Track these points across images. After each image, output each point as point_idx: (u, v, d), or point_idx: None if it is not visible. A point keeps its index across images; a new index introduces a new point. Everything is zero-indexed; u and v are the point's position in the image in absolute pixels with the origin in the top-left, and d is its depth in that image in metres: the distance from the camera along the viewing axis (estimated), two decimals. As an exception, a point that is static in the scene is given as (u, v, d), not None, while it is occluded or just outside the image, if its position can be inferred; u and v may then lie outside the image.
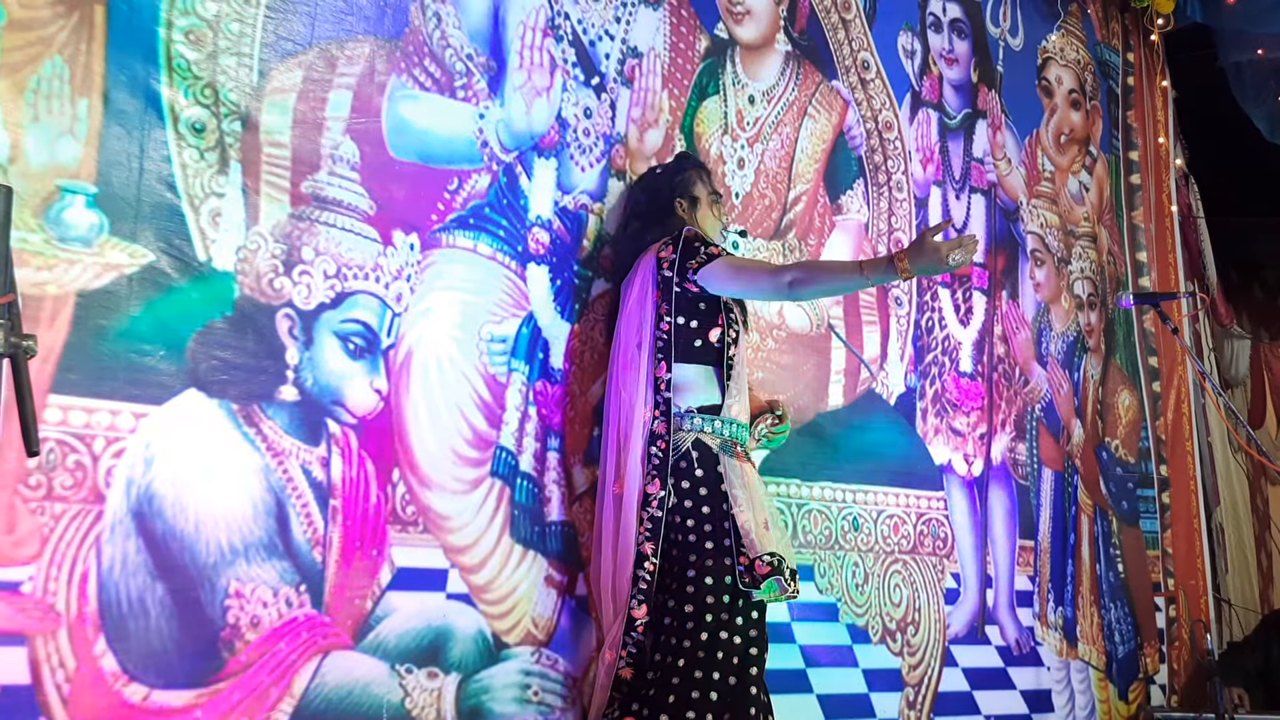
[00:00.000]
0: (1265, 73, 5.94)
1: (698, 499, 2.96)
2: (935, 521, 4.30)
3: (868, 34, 4.42)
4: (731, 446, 3.03)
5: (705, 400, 3.05)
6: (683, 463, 2.99)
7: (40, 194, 2.40)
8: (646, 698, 2.84)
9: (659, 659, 2.88)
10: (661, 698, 2.81)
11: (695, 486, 2.97)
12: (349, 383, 2.83)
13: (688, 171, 3.34)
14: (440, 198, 3.07)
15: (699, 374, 3.07)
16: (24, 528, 2.32)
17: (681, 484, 2.98)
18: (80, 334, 2.42)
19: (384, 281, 2.92)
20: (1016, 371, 4.84)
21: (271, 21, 2.80)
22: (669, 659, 2.86)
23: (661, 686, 2.83)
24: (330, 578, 2.73)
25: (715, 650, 2.86)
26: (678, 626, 2.89)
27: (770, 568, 2.87)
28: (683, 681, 2.82)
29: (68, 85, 2.46)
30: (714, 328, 3.08)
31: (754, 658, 2.93)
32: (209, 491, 2.56)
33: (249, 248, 2.69)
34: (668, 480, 2.97)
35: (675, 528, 2.96)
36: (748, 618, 2.94)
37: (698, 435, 3.01)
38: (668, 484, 2.97)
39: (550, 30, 3.36)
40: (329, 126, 2.87)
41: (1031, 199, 5.13)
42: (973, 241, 2.79)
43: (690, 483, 2.97)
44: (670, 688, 2.82)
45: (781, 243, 3.98)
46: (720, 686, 2.84)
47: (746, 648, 2.92)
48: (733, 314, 3.13)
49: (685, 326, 3.07)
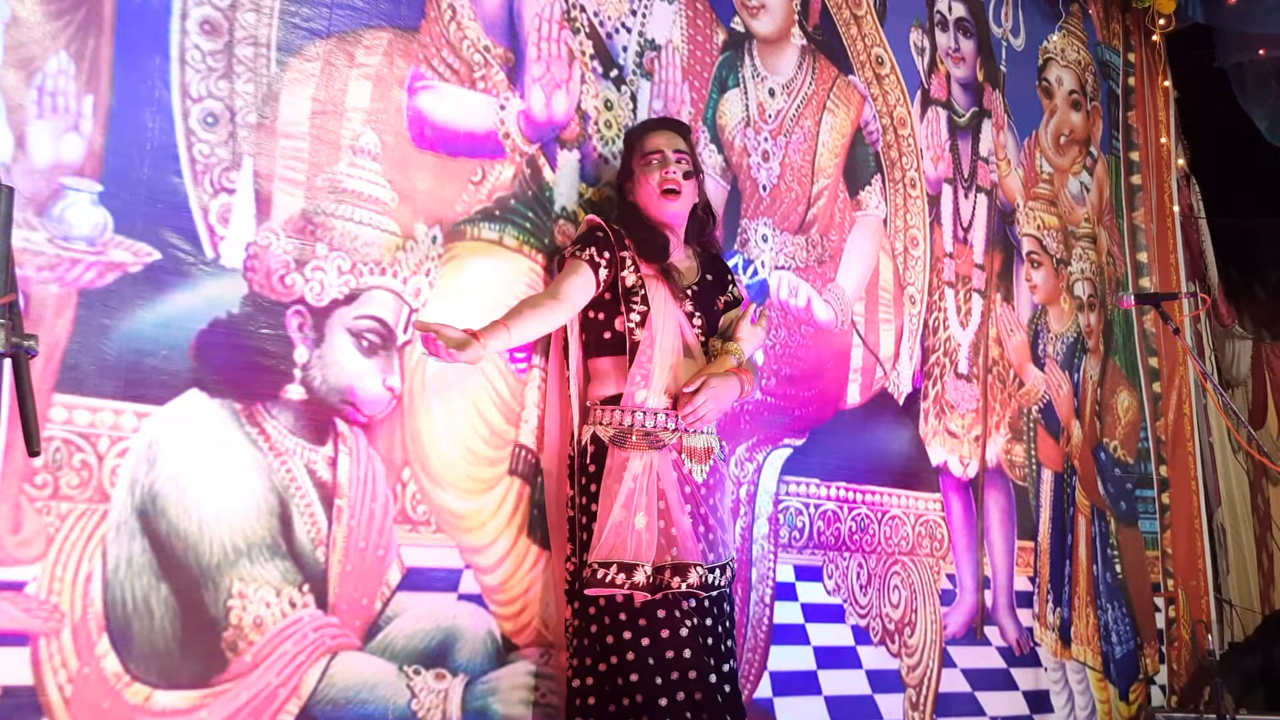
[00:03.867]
0: (1266, 73, 5.94)
1: (590, 495, 2.93)
2: (932, 523, 4.29)
3: (879, 30, 4.41)
4: (625, 436, 2.93)
5: (610, 391, 3.00)
6: (583, 459, 2.96)
7: (45, 192, 2.38)
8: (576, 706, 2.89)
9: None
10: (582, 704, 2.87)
11: (588, 483, 2.94)
12: (360, 380, 2.81)
13: (628, 148, 3.22)
14: (465, 189, 3.05)
15: (610, 365, 3.02)
16: (30, 527, 2.30)
17: (581, 481, 2.96)
18: (84, 333, 2.40)
19: (402, 276, 2.89)
20: (1011, 374, 4.83)
21: (289, 10, 2.77)
22: (570, 665, 2.92)
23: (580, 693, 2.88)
24: (335, 578, 2.71)
25: (645, 658, 2.81)
26: (578, 628, 2.91)
27: (599, 578, 2.80)
28: (585, 689, 2.86)
29: (73, 82, 2.44)
30: (618, 315, 3.02)
31: (685, 661, 2.80)
32: (212, 491, 2.54)
33: (260, 244, 2.67)
34: (575, 479, 2.98)
35: (580, 527, 2.94)
36: (648, 619, 2.83)
37: (594, 429, 2.97)
38: (575, 483, 2.98)
39: (566, 22, 3.35)
40: (349, 117, 2.85)
41: (1029, 201, 5.12)
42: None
43: (586, 479, 2.95)
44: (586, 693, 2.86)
45: (805, 237, 3.97)
46: (626, 693, 2.80)
47: (648, 653, 2.81)
48: (637, 297, 3.01)
49: (595, 319, 3.04)
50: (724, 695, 2.86)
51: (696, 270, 3.17)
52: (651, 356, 2.98)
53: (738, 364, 3.08)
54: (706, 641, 2.89)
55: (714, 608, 2.95)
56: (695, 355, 3.06)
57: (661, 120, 3.32)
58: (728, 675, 2.92)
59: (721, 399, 3.00)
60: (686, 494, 2.94)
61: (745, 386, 3.06)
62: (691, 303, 3.08)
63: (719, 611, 2.97)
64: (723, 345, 3.09)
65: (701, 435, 3.01)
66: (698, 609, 2.89)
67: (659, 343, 2.99)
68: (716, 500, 3.01)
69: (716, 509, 3.00)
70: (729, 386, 3.01)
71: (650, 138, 3.15)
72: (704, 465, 3.00)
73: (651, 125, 3.25)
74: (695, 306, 3.09)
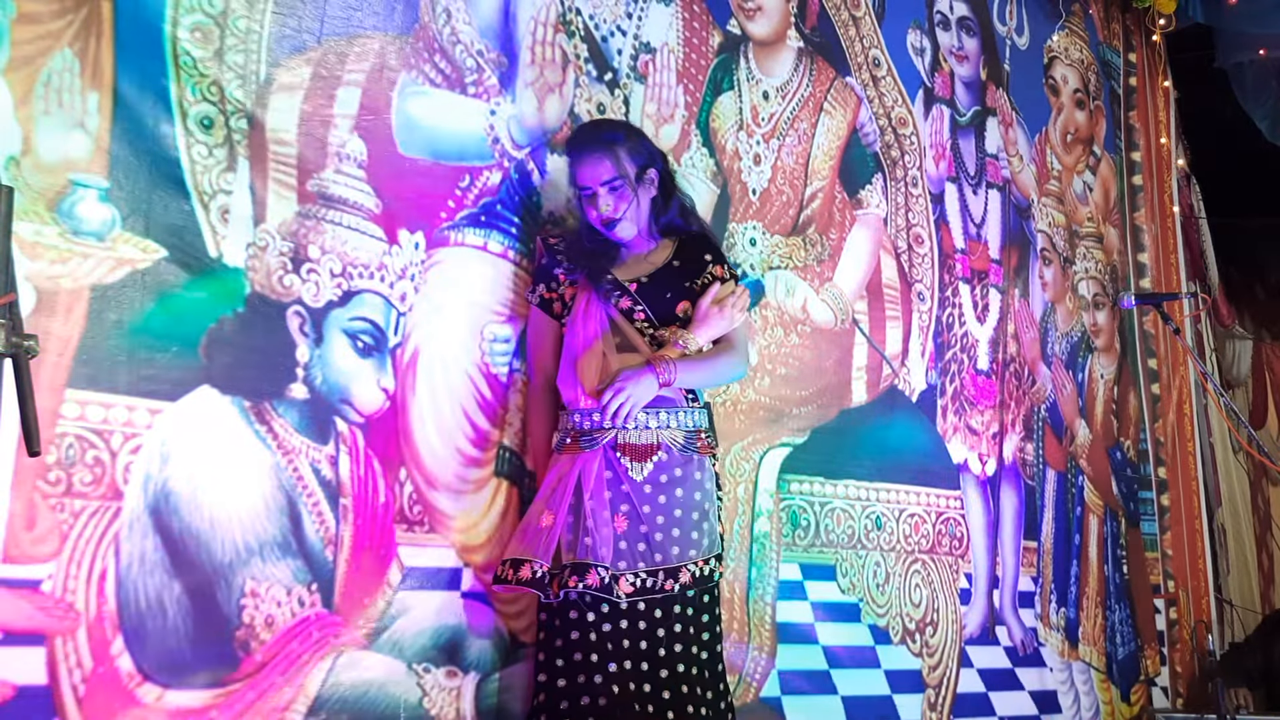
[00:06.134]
0: (1267, 73, 5.96)
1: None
2: (952, 521, 4.28)
3: (877, 31, 4.41)
4: (564, 439, 2.90)
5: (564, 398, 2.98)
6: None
7: (53, 187, 2.37)
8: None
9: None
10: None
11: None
12: (357, 381, 2.80)
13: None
14: (451, 195, 3.04)
15: (569, 370, 2.96)
16: (43, 525, 2.28)
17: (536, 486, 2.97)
18: (95, 329, 2.38)
19: (389, 280, 2.88)
20: (1025, 370, 4.83)
21: (279, 18, 2.76)
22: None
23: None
24: (341, 577, 2.70)
25: (554, 658, 2.81)
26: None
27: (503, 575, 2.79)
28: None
29: (78, 79, 2.42)
30: (567, 318, 3.01)
31: (593, 664, 2.76)
32: (224, 489, 2.53)
33: (258, 245, 2.66)
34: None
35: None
36: (561, 620, 2.80)
37: (555, 435, 2.98)
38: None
39: (561, 26, 3.34)
40: (336, 124, 2.84)
41: (1041, 197, 5.13)
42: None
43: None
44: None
45: (801, 238, 3.96)
46: (537, 692, 2.81)
47: (556, 654, 2.80)
48: (565, 308, 3.00)
49: (568, 327, 3.02)
50: (659, 702, 2.75)
51: (665, 258, 3.06)
52: (577, 361, 2.92)
53: (684, 351, 2.92)
54: (639, 646, 2.78)
55: (654, 610, 2.81)
56: (640, 349, 2.94)
57: (583, 143, 3.06)
58: (669, 680, 2.79)
59: (635, 393, 2.83)
60: (622, 491, 2.84)
61: (661, 375, 2.86)
62: (631, 298, 2.97)
63: (666, 615, 2.83)
64: (671, 334, 2.95)
65: (646, 432, 2.89)
66: (627, 612, 2.78)
67: (582, 346, 2.93)
68: (668, 500, 2.88)
69: (666, 509, 2.87)
70: (640, 379, 2.85)
71: (577, 170, 3.01)
72: (644, 464, 2.88)
73: (574, 151, 3.05)
74: (639, 300, 2.97)
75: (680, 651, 2.84)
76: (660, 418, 2.91)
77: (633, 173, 2.99)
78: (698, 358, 2.96)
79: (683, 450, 2.93)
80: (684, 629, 2.86)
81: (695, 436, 2.96)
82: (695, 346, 2.96)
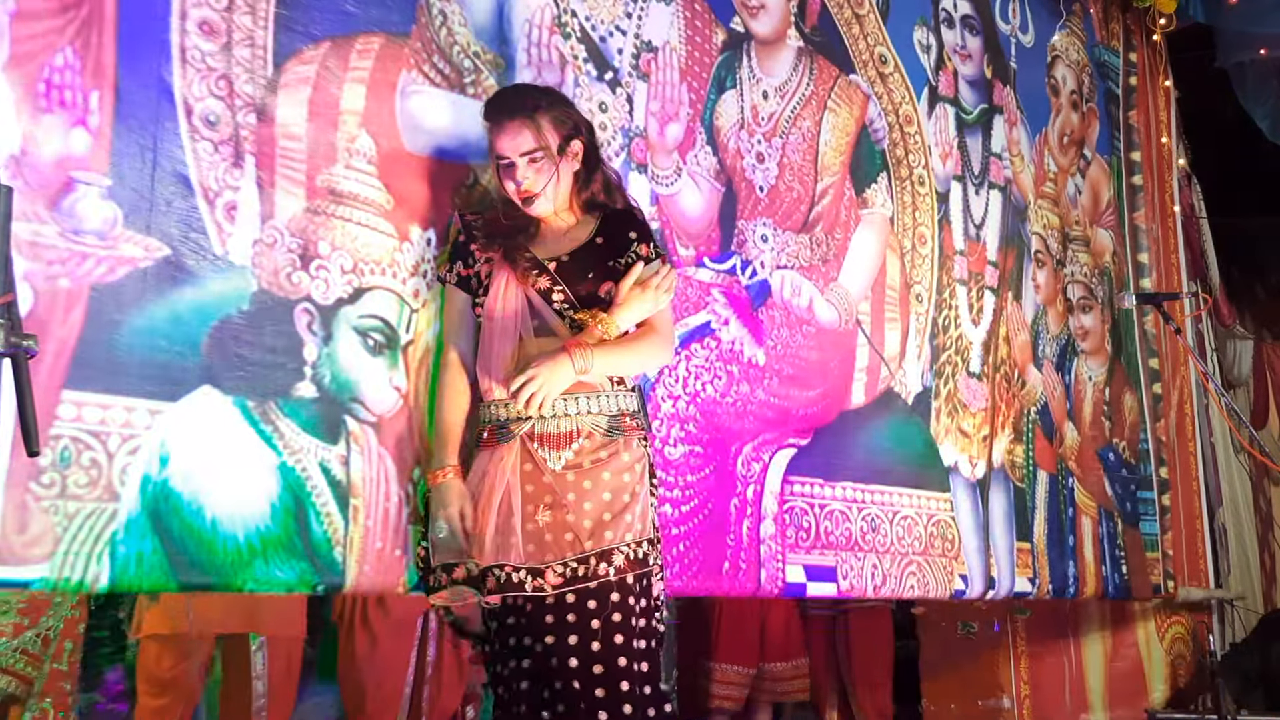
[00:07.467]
0: (1267, 73, 5.96)
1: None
2: (943, 523, 4.27)
3: (882, 29, 4.39)
4: (480, 433, 2.76)
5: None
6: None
7: (54, 186, 2.34)
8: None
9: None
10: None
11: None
12: (368, 379, 2.77)
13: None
14: (457, 193, 3.02)
15: (484, 357, 2.82)
16: (36, 527, 2.25)
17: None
18: (95, 328, 2.36)
19: (400, 277, 2.86)
20: (1016, 373, 4.82)
21: (284, 14, 2.75)
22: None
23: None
24: (351, 579, 2.68)
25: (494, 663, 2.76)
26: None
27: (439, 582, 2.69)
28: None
29: (79, 76, 2.40)
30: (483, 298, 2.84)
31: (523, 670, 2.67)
32: (226, 490, 2.50)
33: (265, 241, 2.64)
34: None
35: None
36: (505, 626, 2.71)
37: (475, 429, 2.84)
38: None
39: (557, 28, 3.32)
40: (345, 120, 2.82)
41: (1038, 199, 5.12)
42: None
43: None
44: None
45: (809, 236, 3.94)
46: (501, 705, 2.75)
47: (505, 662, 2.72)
48: (483, 286, 2.82)
49: (485, 309, 2.85)
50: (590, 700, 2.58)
51: (587, 235, 2.87)
52: (492, 347, 2.77)
53: (603, 335, 2.74)
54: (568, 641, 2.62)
55: (587, 601, 2.63)
56: (559, 333, 2.76)
57: (502, 108, 2.84)
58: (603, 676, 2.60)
59: (550, 380, 2.65)
60: (545, 483, 2.69)
61: (577, 362, 2.67)
62: (550, 277, 2.78)
63: (601, 605, 2.64)
64: (591, 317, 2.76)
65: (565, 419, 2.72)
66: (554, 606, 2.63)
67: (497, 330, 2.76)
68: (594, 485, 2.70)
69: (592, 494, 2.69)
70: (556, 367, 2.66)
71: (495, 138, 2.80)
72: (561, 452, 2.71)
73: (493, 116, 2.83)
74: (558, 279, 2.79)
75: (620, 644, 2.63)
76: (580, 404, 2.73)
77: (555, 144, 2.78)
78: (618, 343, 2.77)
79: (606, 434, 2.75)
80: (623, 618, 2.65)
81: (620, 420, 2.77)
82: (616, 331, 2.77)
